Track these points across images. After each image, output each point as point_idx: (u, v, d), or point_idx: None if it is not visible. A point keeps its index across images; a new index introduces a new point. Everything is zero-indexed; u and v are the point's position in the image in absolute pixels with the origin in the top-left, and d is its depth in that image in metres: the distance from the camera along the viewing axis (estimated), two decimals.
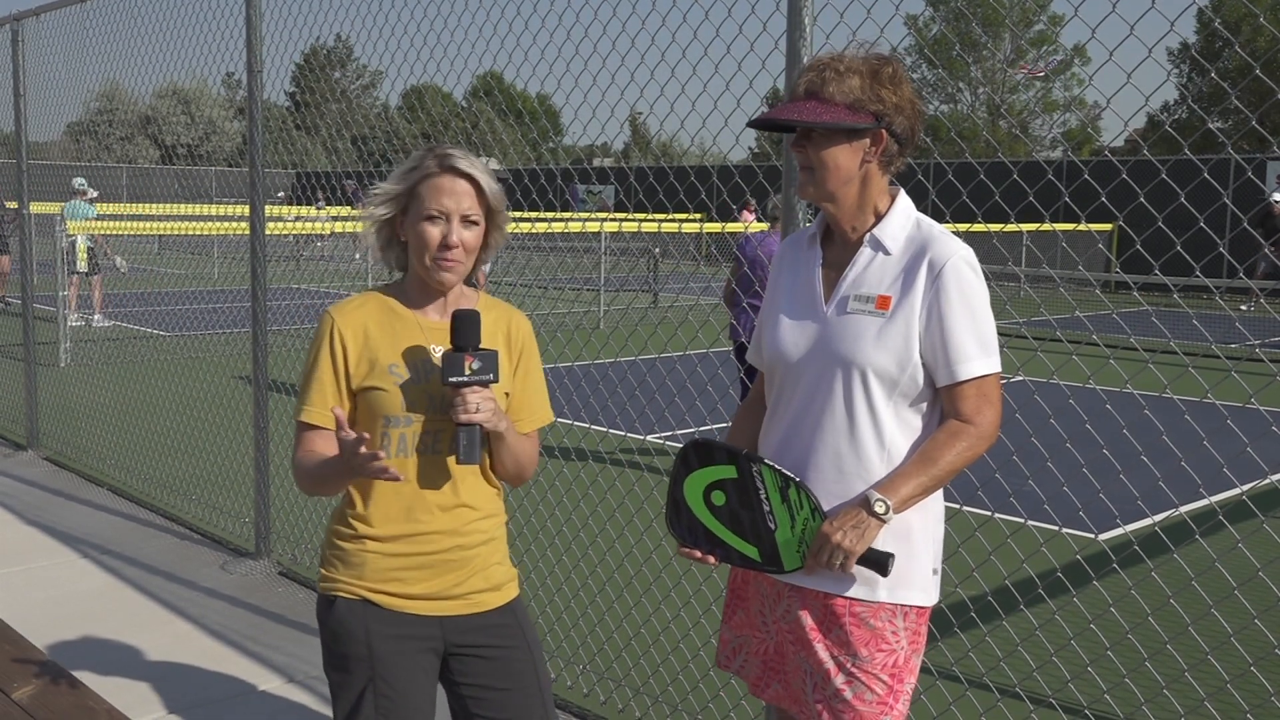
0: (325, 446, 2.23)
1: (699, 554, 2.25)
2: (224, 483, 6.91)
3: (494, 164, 8.29)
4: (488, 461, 2.33)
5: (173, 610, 4.81)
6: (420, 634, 2.27)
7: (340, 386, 2.24)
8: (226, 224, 15.08)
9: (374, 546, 2.24)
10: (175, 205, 21.16)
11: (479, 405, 2.16)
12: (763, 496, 2.15)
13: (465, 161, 2.20)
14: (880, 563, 2.09)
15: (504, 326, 2.37)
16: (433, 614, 2.27)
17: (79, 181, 14.57)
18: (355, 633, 2.24)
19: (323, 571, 2.30)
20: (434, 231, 2.20)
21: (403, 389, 2.22)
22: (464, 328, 2.18)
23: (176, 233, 15.37)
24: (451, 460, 2.26)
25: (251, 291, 5.46)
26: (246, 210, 5.76)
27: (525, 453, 2.33)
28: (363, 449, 2.01)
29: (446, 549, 2.27)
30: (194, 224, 15.85)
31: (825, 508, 2.16)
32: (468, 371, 2.15)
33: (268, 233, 5.56)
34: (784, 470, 2.14)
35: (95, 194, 14.80)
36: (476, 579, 2.31)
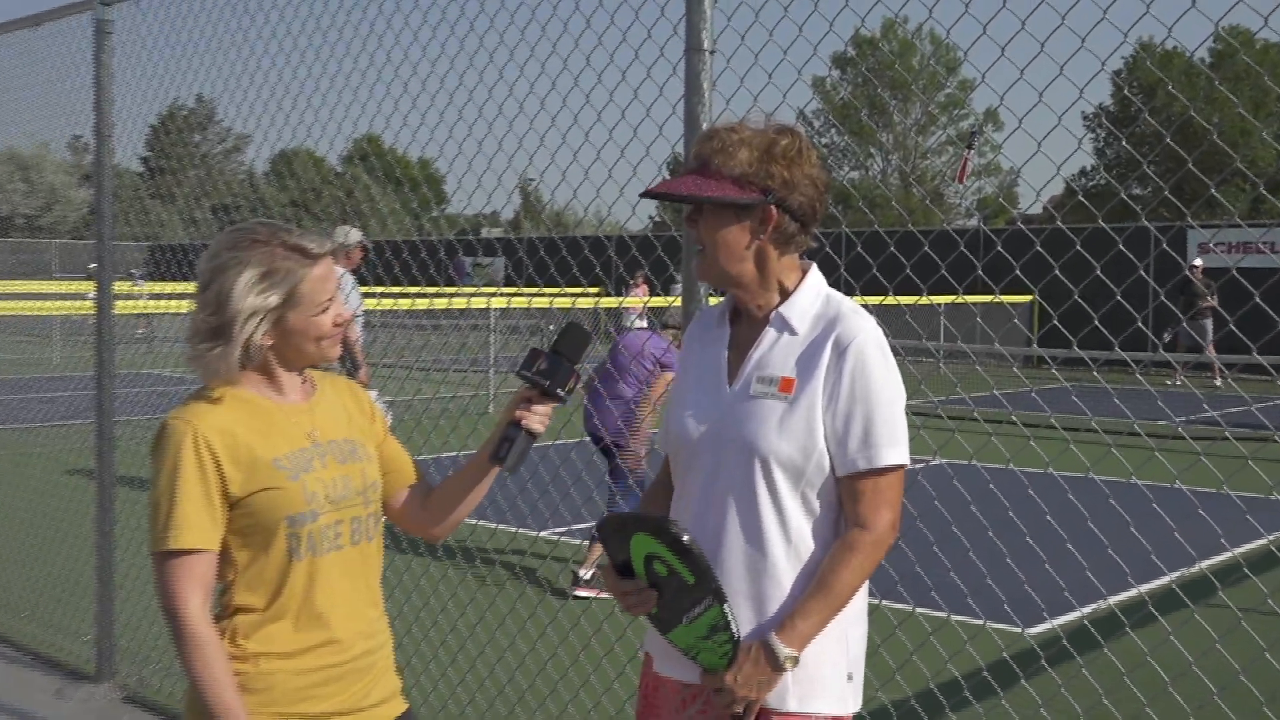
0: (212, 573, 2.14)
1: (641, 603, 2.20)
2: (61, 595, 6.64)
3: (355, 234, 8.32)
4: (421, 525, 2.43)
5: None
6: None
7: (215, 500, 2.14)
8: (69, 303, 14.72)
9: (280, 664, 2.15)
10: (10, 283, 20.58)
11: (549, 417, 2.26)
12: (699, 600, 2.12)
13: (316, 243, 2.24)
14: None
15: (350, 393, 2.42)
16: None
17: None
18: None
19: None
20: (327, 318, 2.24)
21: (300, 482, 2.17)
22: (580, 340, 2.25)
23: (11, 313, 14.94)
24: (359, 555, 2.26)
25: (96, 379, 5.31)
26: (92, 288, 5.64)
27: None
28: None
29: (357, 655, 2.23)
30: (32, 303, 15.43)
31: (735, 610, 2.13)
32: (568, 386, 2.22)
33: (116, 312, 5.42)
34: (733, 619, 2.11)
35: None
36: (381, 686, 2.28)
